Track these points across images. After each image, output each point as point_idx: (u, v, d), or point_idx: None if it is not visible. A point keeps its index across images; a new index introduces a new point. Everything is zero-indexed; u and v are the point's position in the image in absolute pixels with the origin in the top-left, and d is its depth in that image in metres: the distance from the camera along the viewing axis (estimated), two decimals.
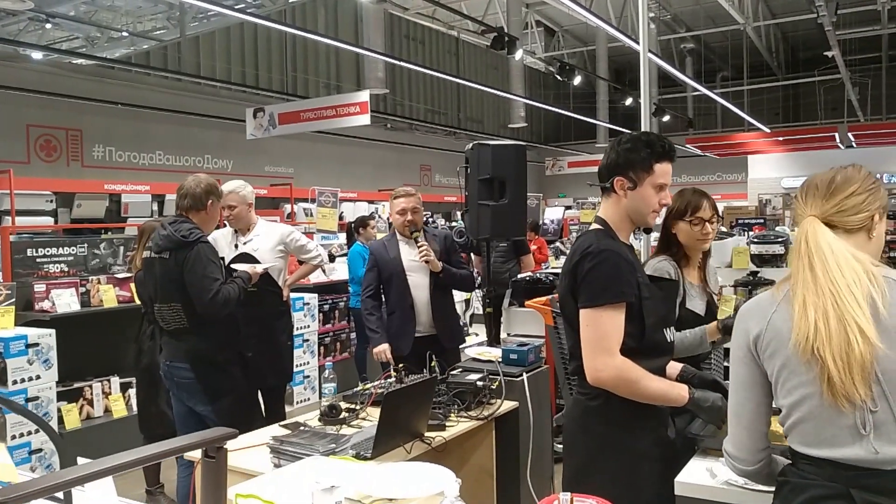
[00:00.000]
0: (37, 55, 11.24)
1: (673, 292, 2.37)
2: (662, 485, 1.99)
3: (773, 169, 15.31)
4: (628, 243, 2.13)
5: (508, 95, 14.84)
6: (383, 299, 4.16)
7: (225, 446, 0.95)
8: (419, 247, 3.94)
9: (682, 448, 2.13)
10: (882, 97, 18.71)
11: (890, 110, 18.65)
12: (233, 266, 3.66)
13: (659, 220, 2.42)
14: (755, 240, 4.96)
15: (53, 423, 4.51)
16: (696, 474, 1.89)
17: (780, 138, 15.87)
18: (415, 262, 4.01)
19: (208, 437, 0.93)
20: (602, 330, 1.94)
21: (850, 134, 14.42)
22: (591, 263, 1.97)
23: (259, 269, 3.76)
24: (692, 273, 2.72)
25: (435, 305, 4.02)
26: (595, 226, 2.13)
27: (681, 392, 2.00)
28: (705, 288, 2.77)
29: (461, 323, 5.01)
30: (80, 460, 1.43)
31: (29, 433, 4.35)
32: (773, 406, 1.57)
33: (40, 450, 4.42)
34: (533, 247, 8.09)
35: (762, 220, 9.73)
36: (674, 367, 2.26)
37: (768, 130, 16.99)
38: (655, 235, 3.39)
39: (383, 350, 4.00)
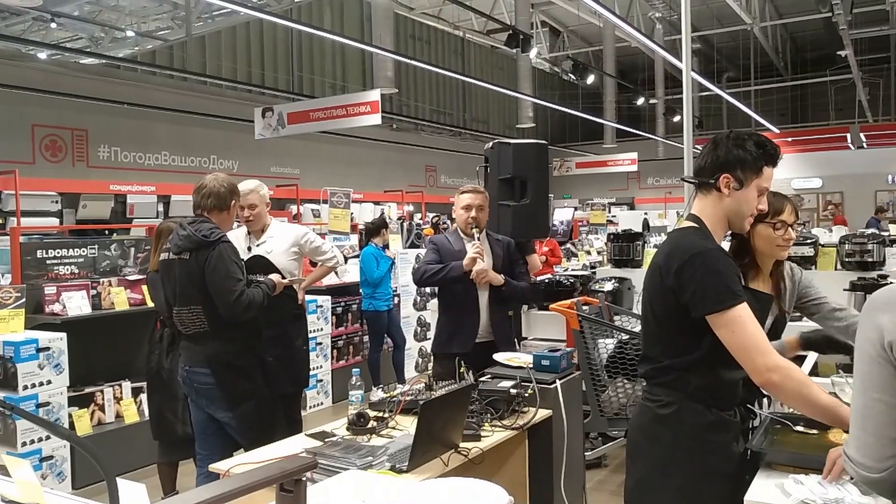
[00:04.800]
0: (42, 54, 11.13)
1: (767, 308, 2.26)
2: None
3: (784, 170, 15.13)
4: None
5: (519, 95, 14.70)
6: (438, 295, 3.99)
7: (304, 478, 0.83)
8: (475, 246, 3.74)
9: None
10: (891, 98, 18.59)
11: None
12: (258, 279, 3.54)
13: None
14: None
15: None
16: (766, 492, 1.76)
17: (790, 139, 15.76)
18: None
19: (287, 469, 0.80)
20: (748, 330, 1.82)
21: (861, 134, 14.30)
22: (706, 265, 1.85)
23: (285, 281, 3.66)
24: (763, 284, 2.52)
25: (493, 310, 3.84)
26: (689, 224, 2.01)
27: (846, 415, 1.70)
28: (777, 302, 2.49)
29: None
30: (120, 481, 1.32)
31: (40, 440, 4.23)
32: None
33: (51, 457, 4.30)
34: (545, 249, 7.95)
35: None
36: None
37: (777, 131, 16.85)
38: None
39: (471, 257, 3.69)
